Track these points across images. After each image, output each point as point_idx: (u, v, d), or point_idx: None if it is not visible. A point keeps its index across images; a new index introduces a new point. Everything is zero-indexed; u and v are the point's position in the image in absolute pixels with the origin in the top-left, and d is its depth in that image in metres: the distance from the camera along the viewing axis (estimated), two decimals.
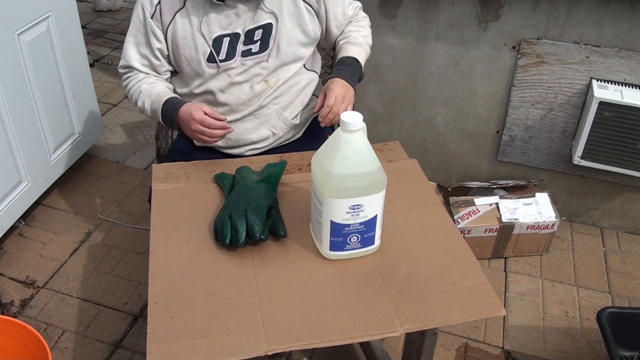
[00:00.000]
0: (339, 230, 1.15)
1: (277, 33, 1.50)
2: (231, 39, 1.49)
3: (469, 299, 1.10)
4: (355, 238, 1.18)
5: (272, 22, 1.50)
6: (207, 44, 1.48)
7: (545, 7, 1.98)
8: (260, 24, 1.49)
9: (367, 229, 1.18)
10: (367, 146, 1.12)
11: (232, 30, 1.49)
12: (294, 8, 1.51)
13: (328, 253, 1.19)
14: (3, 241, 2.21)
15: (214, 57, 1.49)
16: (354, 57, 1.58)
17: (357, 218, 1.14)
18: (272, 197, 1.29)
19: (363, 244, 1.19)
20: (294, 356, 1.81)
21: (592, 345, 1.87)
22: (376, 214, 1.16)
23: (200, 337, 1.01)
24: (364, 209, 1.14)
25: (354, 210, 1.14)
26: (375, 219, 1.17)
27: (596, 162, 2.06)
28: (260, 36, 1.50)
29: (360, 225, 1.16)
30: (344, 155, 1.09)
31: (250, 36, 1.49)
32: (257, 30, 1.49)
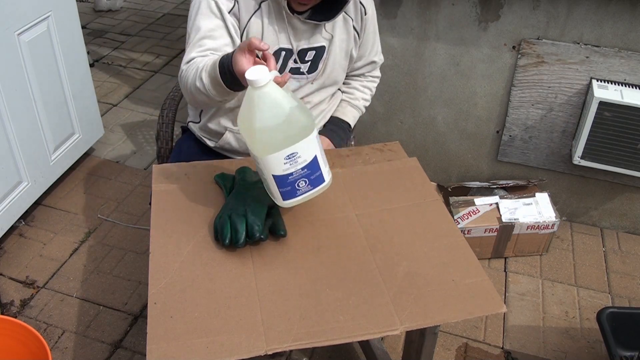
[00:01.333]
0: (284, 181, 1.15)
1: (328, 57, 1.51)
2: (286, 53, 1.47)
3: (469, 297, 1.10)
4: (303, 182, 1.19)
5: (325, 45, 1.49)
6: None
7: (545, 7, 1.98)
8: (314, 46, 1.48)
9: (311, 172, 1.17)
10: (282, 95, 1.09)
11: (289, 45, 1.47)
12: (346, 34, 1.51)
13: (284, 203, 1.19)
14: (3, 241, 2.21)
15: None
16: (349, 123, 1.66)
17: (296, 165, 1.14)
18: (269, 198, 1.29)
19: (313, 185, 1.20)
20: (294, 356, 1.81)
21: (592, 345, 1.87)
22: (314, 154, 1.16)
23: (200, 336, 1.01)
24: (300, 155, 1.14)
25: (290, 160, 1.14)
26: (316, 159, 1.17)
27: (596, 162, 2.06)
28: (312, 57, 1.49)
29: (303, 170, 1.16)
30: (261, 111, 1.08)
31: (302, 56, 1.48)
32: (310, 51, 1.48)
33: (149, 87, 3.34)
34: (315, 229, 1.25)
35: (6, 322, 1.53)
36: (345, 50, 1.54)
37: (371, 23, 1.56)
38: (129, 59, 3.68)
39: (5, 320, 1.53)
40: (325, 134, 1.61)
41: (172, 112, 1.78)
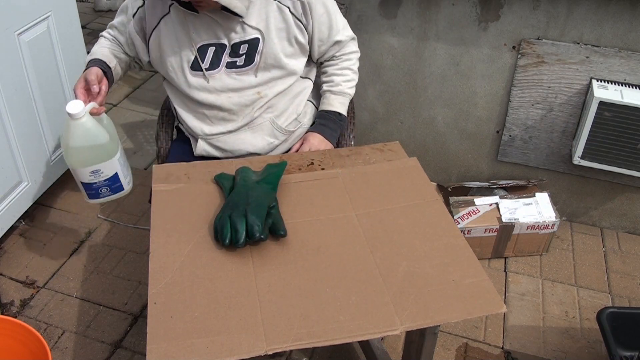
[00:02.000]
0: (90, 187, 1.47)
1: (265, 48, 1.49)
2: (217, 49, 1.48)
3: (469, 297, 1.10)
4: (105, 189, 1.50)
5: (259, 37, 1.48)
6: (192, 51, 1.47)
7: (545, 7, 1.98)
8: (246, 39, 1.48)
9: (112, 183, 1.49)
10: (94, 125, 1.37)
11: (217, 40, 1.48)
12: (283, 23, 1.49)
13: (89, 201, 1.52)
14: (3, 241, 2.21)
15: (198, 64, 1.48)
16: (337, 112, 1.61)
17: (99, 178, 1.45)
18: (272, 198, 1.29)
19: (113, 192, 1.52)
20: (294, 356, 1.81)
21: (592, 345, 1.87)
22: (115, 171, 1.47)
23: (200, 336, 1.01)
24: (103, 171, 1.44)
25: (95, 174, 1.45)
26: (117, 175, 1.48)
27: (596, 162, 2.06)
28: (246, 50, 1.48)
29: (105, 182, 1.47)
30: (75, 136, 1.36)
31: (236, 49, 1.48)
32: (243, 44, 1.48)
33: (149, 87, 3.33)
34: (315, 229, 1.25)
35: (6, 322, 1.53)
36: (286, 38, 1.50)
37: (318, 6, 1.50)
38: None
39: (5, 320, 1.53)
40: (315, 130, 1.59)
41: (172, 112, 1.78)
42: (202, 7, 1.41)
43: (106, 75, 1.46)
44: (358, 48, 1.67)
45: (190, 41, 1.47)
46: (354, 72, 1.66)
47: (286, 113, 1.59)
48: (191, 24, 1.46)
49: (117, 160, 1.45)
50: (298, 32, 1.51)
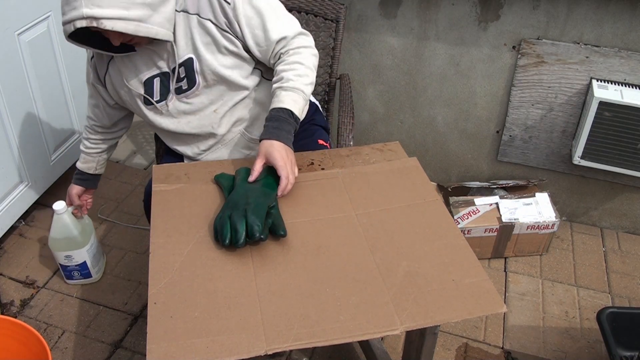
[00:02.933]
0: (65, 268, 1.98)
1: (201, 66, 1.44)
2: (161, 78, 1.46)
3: (469, 296, 1.10)
4: (77, 273, 1.99)
5: (192, 56, 1.43)
6: (140, 86, 1.47)
7: (545, 7, 1.98)
8: (180, 62, 1.44)
9: (82, 269, 1.97)
10: (72, 222, 1.87)
11: (159, 70, 1.46)
12: (208, 37, 1.42)
13: (67, 281, 2.02)
14: (3, 241, 2.21)
15: (148, 99, 1.48)
16: (288, 109, 1.37)
17: (71, 262, 1.95)
18: (271, 198, 1.29)
19: (84, 276, 2.01)
20: (294, 356, 1.81)
21: (592, 345, 1.87)
22: (84, 260, 1.95)
23: (200, 336, 1.01)
24: (74, 257, 1.94)
25: (67, 258, 1.94)
26: (85, 263, 1.96)
27: (596, 162, 2.06)
28: (185, 73, 1.45)
29: (76, 266, 1.96)
30: (55, 227, 1.87)
31: (177, 74, 1.45)
32: (180, 67, 1.45)
33: None
34: (315, 229, 1.25)
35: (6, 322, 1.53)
36: (217, 51, 1.43)
37: (242, 6, 1.40)
38: None
39: (5, 320, 1.53)
40: (269, 137, 1.35)
41: None
42: (138, 44, 1.41)
43: (89, 183, 1.82)
44: (312, 44, 1.49)
45: (136, 78, 1.47)
46: (307, 67, 1.44)
47: (258, 122, 1.56)
48: (131, 62, 1.46)
49: (86, 251, 1.94)
50: (227, 42, 1.42)
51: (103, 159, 1.80)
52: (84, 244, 1.93)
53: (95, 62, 1.53)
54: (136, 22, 1.29)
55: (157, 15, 1.32)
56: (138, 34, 1.30)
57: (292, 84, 1.40)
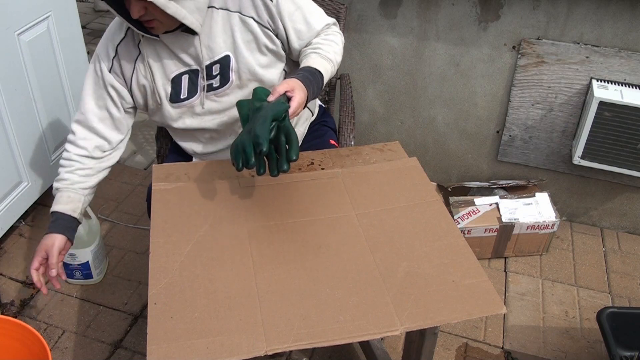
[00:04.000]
0: (67, 267, 1.94)
1: (238, 64, 1.43)
2: (190, 75, 1.44)
3: (469, 297, 1.10)
4: (79, 273, 1.99)
5: (229, 54, 1.42)
6: (167, 83, 1.45)
7: (545, 7, 1.98)
8: (216, 59, 1.42)
9: (83, 268, 1.98)
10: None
11: (188, 67, 1.43)
12: (250, 34, 1.41)
13: (67, 280, 1.99)
14: (3, 241, 2.21)
15: (176, 96, 1.45)
16: (319, 71, 1.38)
17: (74, 261, 1.96)
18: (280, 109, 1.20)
19: (85, 277, 2.01)
20: (294, 356, 1.81)
21: (592, 345, 1.87)
22: (87, 260, 1.96)
23: (200, 337, 1.01)
24: (78, 257, 1.95)
25: (71, 257, 1.93)
26: (88, 263, 1.97)
27: (596, 162, 2.06)
28: (219, 70, 1.43)
29: (79, 266, 1.97)
30: None
31: (209, 71, 1.43)
32: (215, 65, 1.43)
33: None
34: (315, 229, 1.25)
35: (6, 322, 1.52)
36: (257, 49, 1.43)
37: (285, 3, 1.41)
38: None
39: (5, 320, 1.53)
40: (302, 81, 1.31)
41: None
42: (155, 29, 1.36)
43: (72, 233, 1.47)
44: (341, 32, 1.54)
45: (163, 74, 1.44)
46: (340, 47, 1.49)
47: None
48: (161, 58, 1.43)
49: (90, 251, 1.95)
50: (267, 40, 1.43)
51: (88, 201, 1.52)
52: (89, 243, 1.93)
53: (119, 60, 1.44)
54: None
55: (191, 0, 1.30)
56: (166, 10, 1.25)
57: (327, 55, 1.43)
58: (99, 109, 1.47)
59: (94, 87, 1.46)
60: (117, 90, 1.46)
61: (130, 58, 1.44)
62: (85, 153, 1.48)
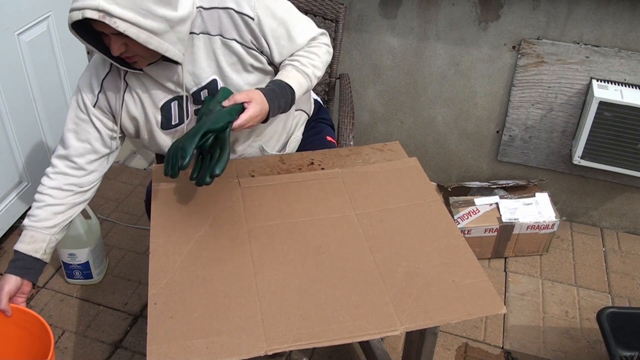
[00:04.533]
0: (67, 266, 1.98)
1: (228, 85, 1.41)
2: (179, 102, 1.42)
3: (469, 297, 1.10)
4: (79, 272, 1.99)
5: (215, 77, 1.40)
6: (157, 112, 1.43)
7: (545, 7, 1.98)
8: (202, 84, 1.40)
9: (83, 268, 1.97)
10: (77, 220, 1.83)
11: (175, 94, 1.41)
12: (235, 57, 1.39)
13: (67, 280, 2.01)
14: (3, 241, 2.21)
15: (167, 123, 1.44)
16: (292, 89, 1.37)
17: (74, 261, 1.95)
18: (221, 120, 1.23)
19: (85, 277, 2.00)
20: (294, 356, 1.81)
21: (592, 345, 1.87)
22: (87, 260, 1.95)
23: (200, 337, 1.01)
24: (77, 257, 1.95)
25: (71, 257, 1.94)
26: (88, 263, 1.96)
27: (596, 162, 2.06)
28: (207, 95, 1.41)
29: (79, 266, 1.96)
30: None
31: (197, 97, 1.41)
32: (202, 90, 1.41)
33: None
34: (315, 229, 1.25)
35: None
36: (242, 69, 1.41)
37: (266, 19, 1.37)
38: None
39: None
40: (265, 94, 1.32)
41: None
42: (137, 63, 1.33)
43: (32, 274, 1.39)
44: (329, 42, 1.51)
45: (152, 103, 1.42)
46: (322, 61, 1.45)
47: (276, 135, 1.54)
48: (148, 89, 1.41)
49: (90, 251, 1.94)
50: (253, 59, 1.40)
51: (56, 240, 1.44)
52: (88, 243, 1.93)
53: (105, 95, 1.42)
54: (149, 34, 1.21)
55: (172, 33, 1.26)
56: (148, 46, 1.22)
57: (304, 69, 1.40)
58: (80, 143, 1.44)
59: (75, 121, 1.43)
60: (103, 123, 1.44)
61: (117, 91, 1.41)
62: (59, 185, 1.47)
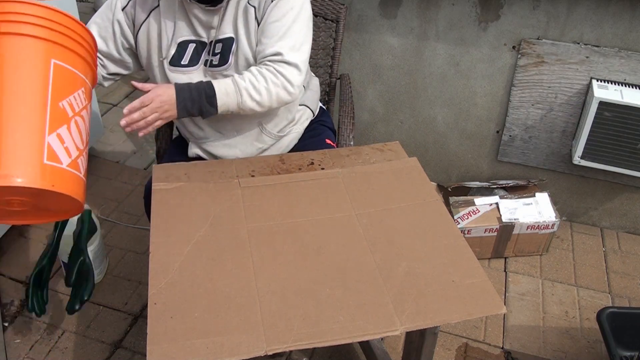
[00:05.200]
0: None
1: (237, 49, 1.44)
2: (197, 45, 1.45)
3: (469, 297, 1.10)
4: None
5: (232, 37, 1.43)
6: (173, 46, 1.45)
7: (545, 7, 1.98)
8: (220, 38, 1.44)
9: None
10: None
11: (198, 37, 1.45)
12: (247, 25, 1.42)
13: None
14: (3, 241, 2.21)
15: (178, 60, 1.46)
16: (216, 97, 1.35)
17: None
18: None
19: None
20: (294, 356, 1.81)
21: (592, 345, 1.87)
22: None
23: (200, 337, 1.01)
24: None
25: None
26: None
27: (596, 162, 2.06)
28: (220, 50, 1.44)
29: None
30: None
31: (213, 48, 1.45)
32: (218, 43, 1.44)
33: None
34: (315, 229, 1.25)
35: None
36: (254, 41, 1.43)
37: (278, 10, 1.39)
38: None
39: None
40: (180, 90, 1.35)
41: None
42: None
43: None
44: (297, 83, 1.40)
45: (173, 36, 1.45)
46: (269, 94, 1.39)
47: (276, 118, 1.55)
48: (176, 19, 1.44)
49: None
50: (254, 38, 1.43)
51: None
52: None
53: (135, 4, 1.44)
54: None
55: None
56: None
57: (242, 87, 1.37)
58: (99, 38, 1.46)
59: (102, 17, 1.47)
60: (122, 30, 1.47)
61: (147, 7, 1.45)
62: None
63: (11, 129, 1.06)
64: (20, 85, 1.10)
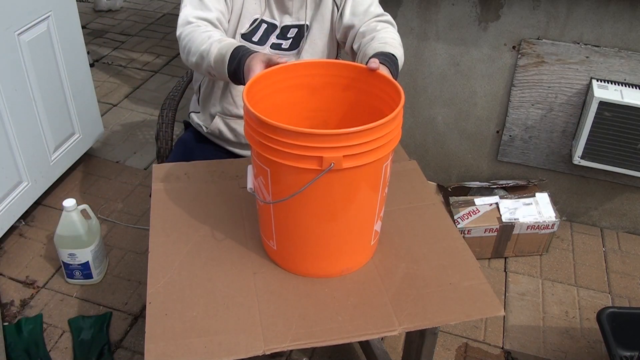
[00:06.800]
0: (67, 266, 1.97)
1: (308, 36, 1.51)
2: (268, 27, 1.50)
3: (467, 299, 1.10)
4: (79, 272, 1.98)
5: (307, 24, 1.51)
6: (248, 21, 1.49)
7: (545, 7, 1.98)
8: (296, 24, 1.50)
9: (83, 269, 1.97)
10: (78, 220, 1.87)
11: (271, 19, 1.50)
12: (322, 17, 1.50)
13: (67, 280, 2.01)
14: (3, 241, 2.21)
15: (250, 35, 1.51)
16: (396, 60, 1.36)
17: (74, 261, 1.95)
18: None
19: (85, 277, 2.00)
20: (294, 356, 1.81)
21: (592, 345, 1.87)
22: (87, 260, 1.95)
23: (199, 336, 1.01)
24: (78, 257, 1.94)
25: (71, 257, 1.94)
26: (88, 263, 1.96)
27: (596, 162, 2.06)
28: (294, 35, 1.51)
29: (79, 266, 1.96)
30: (62, 224, 1.87)
31: (285, 32, 1.51)
32: (293, 28, 1.51)
33: (149, 87, 3.34)
34: None
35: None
36: (326, 34, 1.52)
37: None
38: (129, 59, 3.68)
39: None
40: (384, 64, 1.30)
41: (172, 112, 1.78)
42: None
43: None
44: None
45: (252, 13, 1.49)
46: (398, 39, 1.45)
47: None
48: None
49: (90, 251, 1.94)
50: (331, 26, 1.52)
51: None
52: (89, 243, 1.93)
53: None
54: None
55: None
56: None
57: (395, 46, 1.40)
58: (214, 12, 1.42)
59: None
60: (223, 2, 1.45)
61: None
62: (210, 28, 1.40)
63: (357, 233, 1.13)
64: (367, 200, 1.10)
